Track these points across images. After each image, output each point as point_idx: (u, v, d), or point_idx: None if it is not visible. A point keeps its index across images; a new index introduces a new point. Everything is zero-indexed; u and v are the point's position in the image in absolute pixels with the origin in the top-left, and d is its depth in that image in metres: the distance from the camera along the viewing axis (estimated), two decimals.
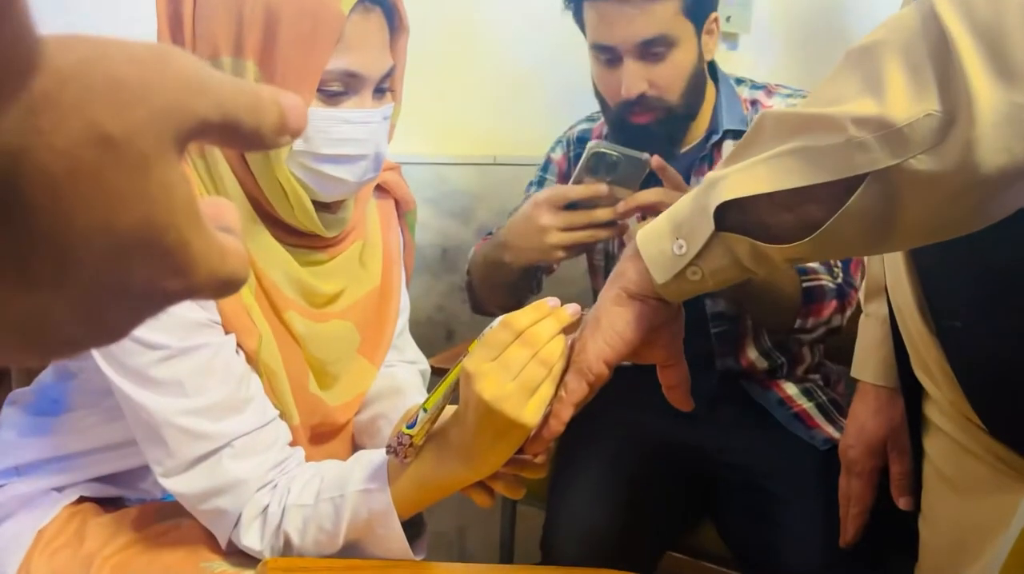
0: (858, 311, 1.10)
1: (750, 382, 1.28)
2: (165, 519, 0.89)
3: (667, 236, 0.62)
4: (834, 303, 1.13)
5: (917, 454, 0.88)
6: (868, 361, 1.00)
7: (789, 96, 1.25)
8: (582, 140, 1.36)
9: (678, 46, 1.14)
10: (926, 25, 0.48)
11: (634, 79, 1.15)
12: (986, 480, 0.74)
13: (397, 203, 1.08)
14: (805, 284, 1.12)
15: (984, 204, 0.50)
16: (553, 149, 1.41)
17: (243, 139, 0.24)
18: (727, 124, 1.23)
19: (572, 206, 1.08)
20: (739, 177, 0.56)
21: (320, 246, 0.93)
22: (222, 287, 0.24)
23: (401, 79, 0.90)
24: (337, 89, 0.81)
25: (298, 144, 0.81)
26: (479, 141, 1.71)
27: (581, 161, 1.06)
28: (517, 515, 1.58)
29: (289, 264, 0.88)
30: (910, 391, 0.87)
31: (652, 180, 1.06)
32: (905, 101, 0.48)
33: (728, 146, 1.23)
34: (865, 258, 1.05)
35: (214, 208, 0.25)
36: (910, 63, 0.49)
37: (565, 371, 0.71)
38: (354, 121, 0.82)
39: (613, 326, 0.67)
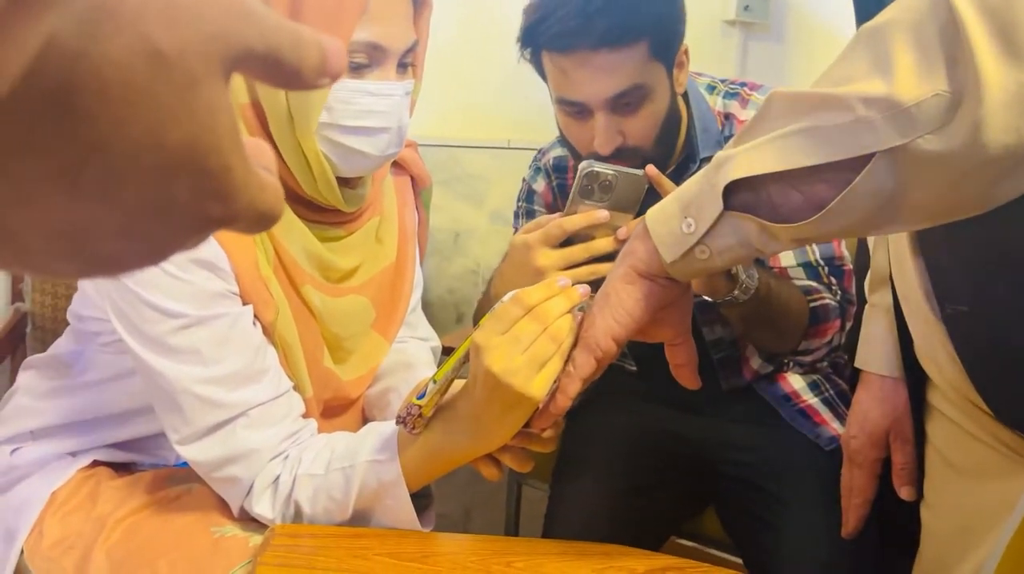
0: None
1: (756, 379, 1.27)
2: (177, 484, 0.91)
3: (676, 215, 0.63)
4: (837, 322, 1.11)
5: (920, 441, 0.89)
6: (872, 351, 1.00)
7: None
8: (560, 168, 1.29)
9: (651, 95, 1.05)
10: (935, 5, 0.49)
11: (608, 135, 1.05)
12: (991, 464, 0.75)
13: (413, 180, 1.09)
14: (811, 304, 1.09)
15: (991, 185, 0.51)
16: (533, 179, 1.32)
17: (284, 75, 0.25)
18: (703, 152, 1.15)
19: (567, 241, 0.96)
20: (748, 156, 0.57)
21: (338, 222, 0.93)
22: (259, 219, 0.25)
23: (423, 55, 0.90)
24: (361, 61, 0.82)
25: (322, 116, 0.82)
26: (493, 124, 1.72)
27: (575, 185, 0.95)
28: (522, 498, 1.59)
29: (308, 239, 0.89)
30: (913, 379, 0.87)
31: (647, 202, 0.95)
32: (913, 81, 0.49)
33: None
34: (870, 247, 1.05)
35: (254, 148, 0.26)
36: (919, 43, 0.49)
37: (573, 348, 0.72)
38: (377, 93, 0.83)
39: (622, 304, 0.68)
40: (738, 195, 0.58)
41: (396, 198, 1.05)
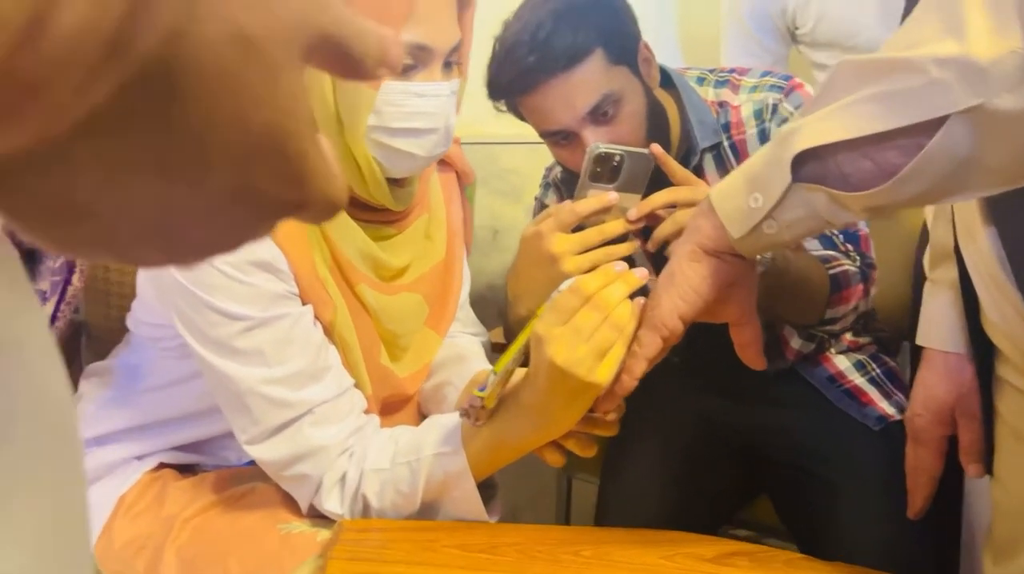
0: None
1: (800, 362, 1.26)
2: (242, 483, 0.92)
3: (742, 191, 0.63)
4: (860, 287, 1.10)
5: (988, 418, 0.87)
6: (935, 328, 0.99)
7: (754, 89, 1.15)
8: (568, 182, 1.27)
9: (624, 98, 1.05)
10: None
11: None
12: None
13: (458, 175, 1.10)
14: (830, 272, 1.08)
15: None
16: (544, 194, 1.33)
17: (349, 64, 0.25)
18: (703, 143, 1.14)
19: (579, 227, 0.97)
20: (816, 126, 0.56)
21: (389, 220, 0.94)
22: (328, 207, 0.25)
23: (468, 53, 0.91)
24: (407, 62, 0.82)
25: (370, 119, 0.83)
26: None
27: (583, 170, 0.96)
28: (572, 494, 1.59)
29: (361, 239, 0.90)
30: (980, 354, 0.86)
31: (652, 184, 0.99)
32: (988, 39, 0.48)
33: (709, 162, 1.15)
34: (928, 224, 1.03)
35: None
36: (992, 1, 0.49)
37: (636, 331, 0.72)
38: (425, 94, 0.83)
39: (688, 282, 0.67)
40: (806, 166, 0.58)
41: (443, 195, 1.06)
